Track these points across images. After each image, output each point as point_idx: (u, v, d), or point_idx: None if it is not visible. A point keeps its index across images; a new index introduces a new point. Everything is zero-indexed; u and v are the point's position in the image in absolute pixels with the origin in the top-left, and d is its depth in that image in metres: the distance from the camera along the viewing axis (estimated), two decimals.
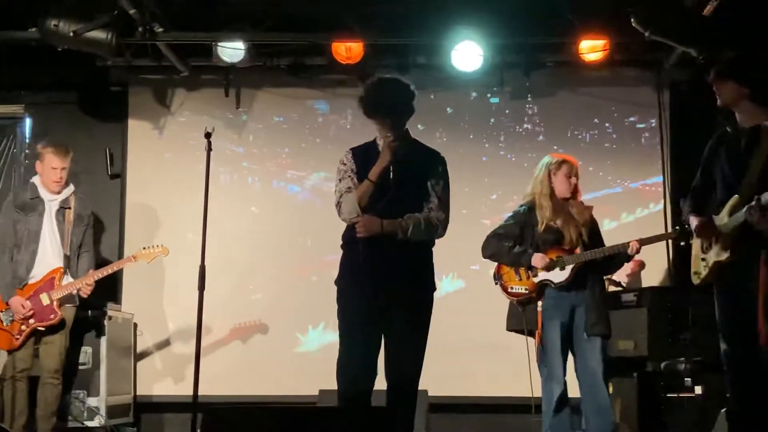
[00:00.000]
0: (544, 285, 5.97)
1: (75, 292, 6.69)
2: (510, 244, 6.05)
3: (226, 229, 8.04)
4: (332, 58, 7.85)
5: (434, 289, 4.86)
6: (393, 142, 4.64)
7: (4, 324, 6.60)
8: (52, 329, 6.65)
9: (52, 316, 6.59)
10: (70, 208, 6.80)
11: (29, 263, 6.66)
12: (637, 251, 5.90)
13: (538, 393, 6.13)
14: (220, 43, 7.77)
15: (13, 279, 6.63)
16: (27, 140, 8.58)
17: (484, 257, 6.22)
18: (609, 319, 5.90)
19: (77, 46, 7.25)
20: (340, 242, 4.87)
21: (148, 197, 8.45)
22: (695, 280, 5.18)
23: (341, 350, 4.74)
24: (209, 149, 5.04)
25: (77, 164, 7.51)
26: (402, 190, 4.67)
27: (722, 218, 4.93)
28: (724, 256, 4.90)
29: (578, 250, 5.91)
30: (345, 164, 4.81)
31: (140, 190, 8.46)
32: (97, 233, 7.78)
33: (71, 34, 7.09)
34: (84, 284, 6.66)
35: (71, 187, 6.89)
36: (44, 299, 6.58)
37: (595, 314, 5.81)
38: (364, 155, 4.79)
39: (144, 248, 6.91)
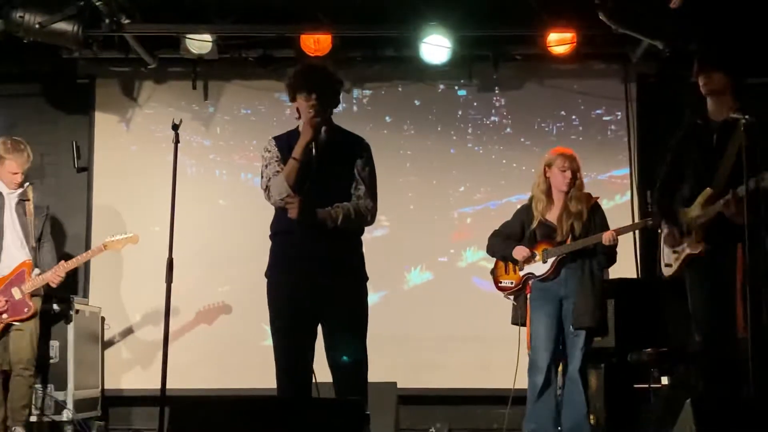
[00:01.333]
0: (528, 278, 6.08)
1: (49, 283, 6.64)
2: (503, 239, 6.20)
3: (194, 222, 8.02)
4: (301, 50, 7.82)
5: (366, 278, 4.82)
6: (314, 118, 4.61)
7: None
8: (23, 321, 6.60)
9: (26, 310, 6.56)
10: (29, 200, 6.75)
11: None
12: (612, 241, 5.93)
13: (518, 385, 6.21)
14: (188, 35, 7.73)
15: None
16: None
17: (487, 254, 6.44)
18: (602, 311, 5.97)
19: (43, 38, 7.19)
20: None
21: (115, 190, 8.40)
22: (666, 273, 5.22)
23: (277, 344, 4.70)
24: (177, 141, 5.00)
25: (43, 157, 7.46)
26: (326, 172, 4.64)
27: (694, 210, 4.98)
28: (699, 248, 4.96)
29: (569, 242, 5.98)
30: (269, 151, 4.78)
31: (107, 183, 8.42)
32: (59, 226, 7.73)
33: (37, 25, 7.03)
34: (56, 276, 6.61)
35: (28, 178, 6.87)
36: (16, 293, 6.54)
37: (582, 306, 5.89)
38: (286, 141, 4.76)
39: (113, 237, 6.88)
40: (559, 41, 7.80)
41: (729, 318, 4.90)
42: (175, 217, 5.00)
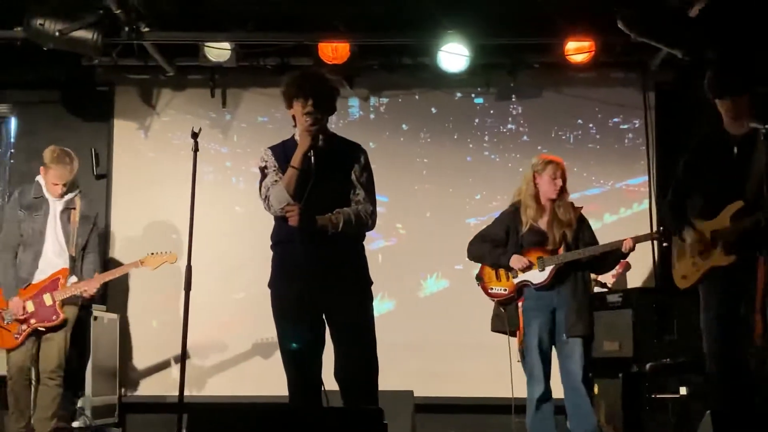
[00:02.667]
0: (523, 286, 6.00)
1: (78, 293, 6.66)
2: (493, 246, 6.08)
3: (211, 229, 8.03)
4: (318, 58, 7.85)
5: (371, 283, 4.79)
6: (311, 126, 4.61)
7: (5, 322, 6.56)
8: (53, 328, 6.60)
9: (54, 317, 6.55)
10: (75, 208, 6.76)
11: (32, 263, 6.62)
12: (631, 249, 5.90)
13: (518, 393, 6.17)
14: (206, 43, 7.77)
15: (14, 279, 6.59)
16: (12, 140, 8.55)
17: (469, 259, 6.28)
18: (591, 319, 5.90)
19: (63, 46, 7.22)
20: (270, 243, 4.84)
21: (133, 197, 8.43)
22: (683, 284, 5.20)
23: (285, 354, 4.71)
24: (196, 149, 5.02)
25: None
26: (325, 180, 4.63)
27: (721, 222, 4.95)
28: (726, 260, 4.92)
29: (561, 251, 5.92)
30: (266, 161, 4.80)
31: (126, 190, 8.45)
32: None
33: (57, 33, 7.06)
34: (91, 286, 6.62)
35: (76, 188, 6.86)
36: (47, 299, 6.54)
37: (575, 315, 5.83)
38: (282, 151, 4.78)
39: (152, 254, 6.81)
40: (577, 50, 7.80)
41: (742, 332, 4.88)
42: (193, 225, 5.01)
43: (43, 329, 6.57)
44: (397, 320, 8.08)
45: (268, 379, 7.77)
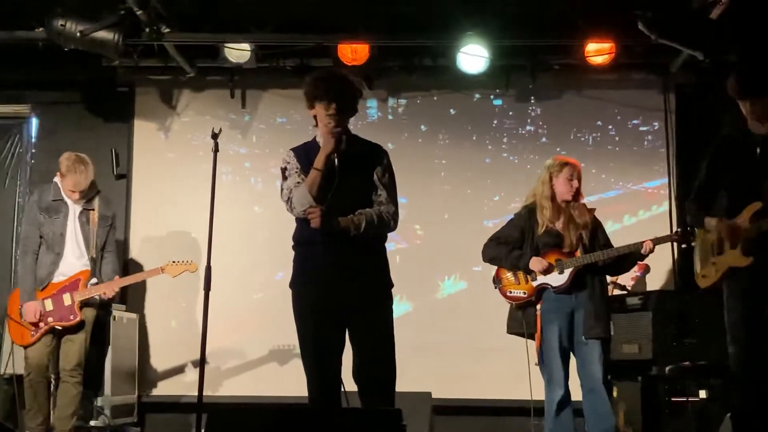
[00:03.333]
0: (542, 289, 5.97)
1: (98, 296, 6.68)
2: (509, 248, 6.06)
3: (230, 229, 8.06)
4: (338, 59, 7.86)
5: (392, 285, 4.78)
6: (334, 128, 4.61)
7: (23, 319, 6.60)
8: (72, 329, 6.63)
9: (71, 317, 6.58)
10: (93, 209, 6.79)
11: (52, 265, 6.65)
12: (651, 251, 5.89)
13: (536, 396, 6.15)
14: (226, 44, 7.79)
15: (33, 282, 6.62)
16: (33, 140, 8.60)
17: (484, 261, 6.24)
18: (609, 321, 5.88)
19: (84, 47, 7.26)
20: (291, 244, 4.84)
21: (153, 197, 8.46)
22: (703, 284, 5.17)
23: (305, 355, 4.69)
24: (216, 150, 5.03)
25: None
26: (348, 182, 4.62)
27: (741, 222, 4.92)
28: (745, 262, 4.90)
29: (578, 253, 5.90)
30: (288, 162, 4.77)
31: (146, 190, 8.49)
32: None
33: (78, 34, 7.10)
34: (110, 289, 6.64)
35: (95, 188, 6.88)
36: (66, 299, 6.57)
37: (593, 317, 5.80)
38: (305, 153, 4.76)
39: (173, 262, 6.83)
40: (598, 51, 7.78)
41: (765, 329, 4.85)
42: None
43: (60, 328, 6.60)
44: (415, 321, 8.07)
45: (286, 380, 7.83)
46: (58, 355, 6.68)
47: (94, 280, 6.69)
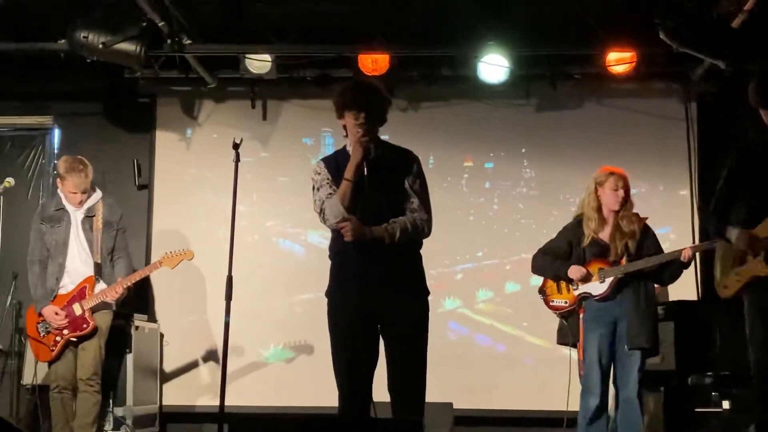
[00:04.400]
0: (584, 298, 5.96)
1: (107, 300, 6.71)
2: (553, 258, 6.06)
3: (250, 239, 8.09)
4: (358, 70, 7.87)
5: (428, 292, 4.76)
6: (363, 137, 4.60)
7: (40, 335, 6.63)
8: (86, 336, 6.64)
9: (84, 326, 6.59)
10: (95, 215, 6.80)
11: (58, 274, 6.67)
12: (690, 258, 5.85)
13: (560, 406, 6.13)
14: (247, 55, 7.82)
15: (44, 290, 6.65)
16: (56, 151, 8.65)
17: (532, 272, 6.27)
18: (654, 332, 5.84)
19: (106, 58, 7.29)
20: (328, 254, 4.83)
21: (175, 207, 8.50)
22: (725, 294, 5.13)
23: (337, 364, 4.65)
24: (237, 160, 5.03)
25: (105, 175, 7.56)
26: (380, 190, 4.61)
27: (764, 231, 4.89)
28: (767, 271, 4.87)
29: (624, 262, 5.88)
30: (319, 173, 4.75)
31: (167, 201, 8.52)
32: None
33: (100, 45, 7.13)
34: (114, 291, 6.66)
35: (98, 194, 6.87)
36: (76, 309, 6.58)
37: (637, 326, 5.77)
38: (335, 162, 4.75)
39: (168, 253, 6.82)
40: (619, 60, 7.76)
41: None
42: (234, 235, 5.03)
43: (75, 339, 6.63)
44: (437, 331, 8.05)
45: (307, 390, 7.82)
46: (76, 365, 6.70)
47: (101, 286, 6.70)
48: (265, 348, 8.25)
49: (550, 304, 6.17)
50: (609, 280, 5.87)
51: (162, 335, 8.08)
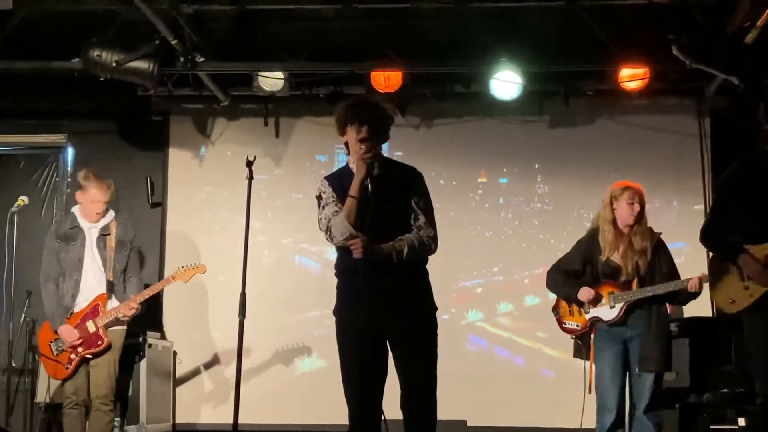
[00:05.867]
0: (595, 321, 5.95)
1: (120, 316, 6.71)
2: (566, 277, 6.04)
3: (263, 257, 8.09)
4: (371, 87, 7.88)
5: (436, 308, 4.74)
6: (365, 153, 4.58)
7: (54, 354, 6.63)
8: (99, 353, 6.64)
9: (99, 343, 6.60)
10: (110, 234, 6.82)
11: (73, 292, 6.67)
12: (699, 288, 5.77)
13: (574, 422, 6.10)
14: (260, 73, 7.84)
15: (59, 308, 6.65)
16: (69, 169, 8.68)
17: (546, 288, 6.25)
18: (666, 353, 5.80)
19: (119, 76, 7.33)
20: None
21: (188, 225, 8.51)
22: (731, 309, 5.08)
23: (346, 382, 4.63)
24: (250, 177, 5.03)
25: (118, 193, 7.56)
26: (385, 208, 4.59)
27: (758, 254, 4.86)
28: None
29: (635, 283, 5.85)
30: (324, 192, 4.74)
31: (181, 219, 8.54)
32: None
33: (114, 64, 7.17)
34: (127, 308, 6.66)
35: (111, 214, 6.87)
36: (90, 326, 6.58)
37: (647, 349, 5.75)
38: (339, 180, 4.73)
39: (180, 267, 6.85)
40: (632, 77, 7.75)
41: None
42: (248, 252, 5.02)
43: (90, 356, 6.63)
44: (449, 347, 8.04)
45: (321, 408, 7.80)
46: (88, 383, 6.70)
47: (113, 303, 6.69)
48: (279, 365, 8.23)
49: (563, 326, 6.18)
50: (619, 305, 5.85)
51: (175, 353, 8.08)
